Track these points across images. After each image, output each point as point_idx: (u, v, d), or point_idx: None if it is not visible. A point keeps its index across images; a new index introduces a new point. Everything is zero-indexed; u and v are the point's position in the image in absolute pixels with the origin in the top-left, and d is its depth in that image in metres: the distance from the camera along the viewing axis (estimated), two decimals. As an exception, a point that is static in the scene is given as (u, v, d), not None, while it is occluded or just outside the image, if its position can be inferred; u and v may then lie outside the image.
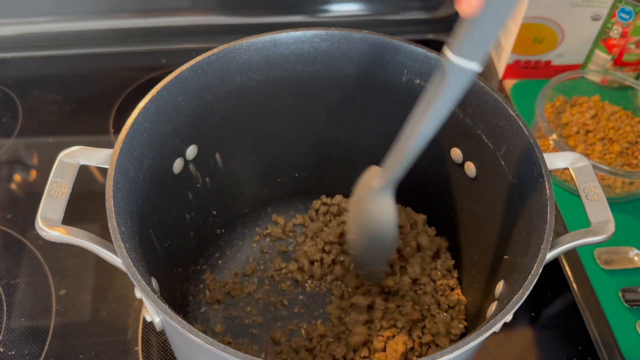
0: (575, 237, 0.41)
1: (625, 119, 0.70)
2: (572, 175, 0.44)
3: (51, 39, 0.84)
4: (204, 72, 0.48)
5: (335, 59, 0.51)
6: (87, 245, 0.38)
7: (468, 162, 0.51)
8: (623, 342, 0.56)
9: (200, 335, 0.33)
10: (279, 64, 0.51)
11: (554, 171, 0.57)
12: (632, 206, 0.67)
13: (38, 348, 0.54)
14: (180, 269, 0.55)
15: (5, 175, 0.68)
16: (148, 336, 0.55)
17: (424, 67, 0.49)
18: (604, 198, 0.42)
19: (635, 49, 0.74)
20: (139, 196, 0.44)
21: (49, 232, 0.38)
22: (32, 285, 0.58)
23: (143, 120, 0.44)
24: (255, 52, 0.49)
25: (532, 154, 0.43)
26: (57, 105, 0.77)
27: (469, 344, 0.34)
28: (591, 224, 0.41)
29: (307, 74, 0.52)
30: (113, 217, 0.38)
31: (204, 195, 0.55)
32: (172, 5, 0.85)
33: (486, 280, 0.49)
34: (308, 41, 0.50)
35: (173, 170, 0.50)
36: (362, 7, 0.89)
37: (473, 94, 0.47)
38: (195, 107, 0.49)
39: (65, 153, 0.42)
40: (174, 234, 0.52)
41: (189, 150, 0.51)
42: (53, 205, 0.39)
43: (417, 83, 0.50)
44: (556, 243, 0.40)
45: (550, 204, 0.40)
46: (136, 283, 0.36)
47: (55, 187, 0.40)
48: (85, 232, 0.39)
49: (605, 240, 0.40)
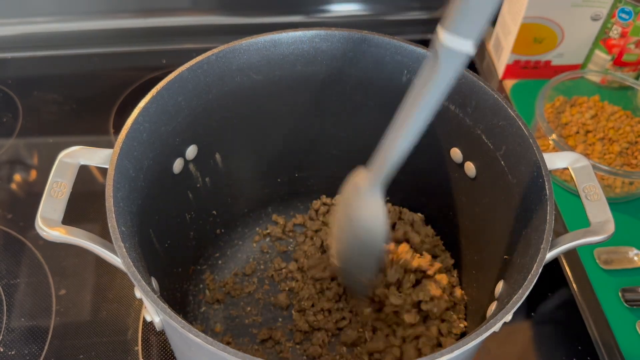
0: (575, 237, 0.41)
1: (625, 119, 0.70)
2: (572, 175, 0.44)
3: (51, 39, 0.84)
4: (204, 72, 0.48)
5: (335, 59, 0.51)
6: (87, 245, 0.38)
7: (468, 162, 0.51)
8: (623, 342, 0.56)
9: (200, 335, 0.33)
10: (279, 64, 0.51)
11: (554, 171, 0.57)
12: (632, 206, 0.67)
13: (38, 348, 0.54)
14: (180, 268, 0.55)
15: (5, 175, 0.68)
16: (148, 336, 0.55)
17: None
18: (604, 198, 0.42)
19: (635, 49, 0.74)
20: (139, 196, 0.44)
21: (48, 232, 0.38)
22: (32, 285, 0.58)
23: (143, 120, 0.44)
24: (255, 52, 0.49)
25: (532, 154, 0.43)
26: (57, 105, 0.77)
27: (469, 343, 0.34)
28: (591, 224, 0.41)
29: (307, 74, 0.52)
30: (113, 217, 0.38)
31: (204, 195, 0.55)
32: (172, 5, 0.85)
33: (486, 280, 0.49)
34: (308, 41, 0.50)
35: (173, 170, 0.50)
36: (362, 7, 0.89)
37: (473, 94, 0.47)
38: (195, 107, 0.49)
39: (65, 153, 0.42)
40: (174, 234, 0.52)
41: (189, 150, 0.51)
42: (53, 205, 0.39)
43: None
44: (556, 243, 0.40)
45: (550, 204, 0.40)
46: (136, 283, 0.36)
47: (55, 187, 0.40)
48: (85, 232, 0.39)
49: (605, 240, 0.40)
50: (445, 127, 0.51)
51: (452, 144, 0.51)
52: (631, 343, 0.56)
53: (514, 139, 0.45)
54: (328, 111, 0.55)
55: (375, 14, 0.89)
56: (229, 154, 0.55)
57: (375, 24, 0.89)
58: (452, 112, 0.49)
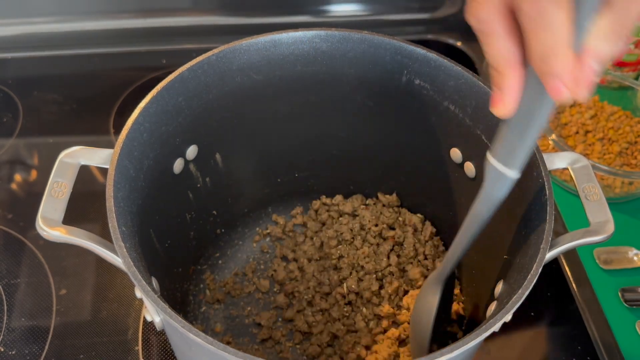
0: (575, 237, 0.41)
1: (625, 119, 0.70)
2: (572, 175, 0.44)
3: (51, 39, 0.84)
4: (205, 72, 0.48)
5: (335, 60, 0.51)
6: (87, 245, 0.38)
7: (468, 162, 0.51)
8: (623, 342, 0.56)
9: (200, 335, 0.33)
10: (279, 64, 0.51)
11: (554, 171, 0.57)
12: (632, 206, 0.67)
13: (38, 348, 0.54)
14: (180, 268, 0.55)
15: (5, 175, 0.68)
16: (148, 336, 0.55)
17: (424, 67, 0.49)
18: (604, 198, 0.42)
19: (634, 49, 0.74)
20: (139, 196, 0.44)
21: (49, 232, 0.38)
22: (32, 285, 0.58)
23: (143, 120, 0.44)
24: (256, 52, 0.49)
25: (532, 154, 0.43)
26: (57, 105, 0.77)
27: (469, 343, 0.34)
28: (590, 224, 0.41)
29: (307, 74, 0.52)
30: (114, 216, 0.38)
31: (204, 195, 0.55)
32: (172, 5, 0.85)
33: (485, 279, 0.49)
34: (308, 41, 0.50)
35: (173, 170, 0.50)
36: (362, 7, 0.89)
37: (473, 94, 0.47)
38: (196, 107, 0.49)
39: (65, 153, 0.42)
40: (175, 234, 0.52)
41: (189, 150, 0.51)
42: (53, 205, 0.39)
43: (417, 83, 0.50)
44: (555, 243, 0.40)
45: (549, 204, 0.40)
46: (136, 283, 0.36)
47: (55, 187, 0.40)
48: (86, 231, 0.39)
49: (605, 240, 0.40)
50: (445, 127, 0.51)
51: (452, 144, 0.52)
52: (631, 343, 0.56)
53: None
54: (328, 111, 0.55)
55: (375, 14, 0.89)
56: (229, 154, 0.55)
57: (375, 23, 0.89)
58: (451, 112, 0.49)
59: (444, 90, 0.49)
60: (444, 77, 0.48)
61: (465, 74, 0.47)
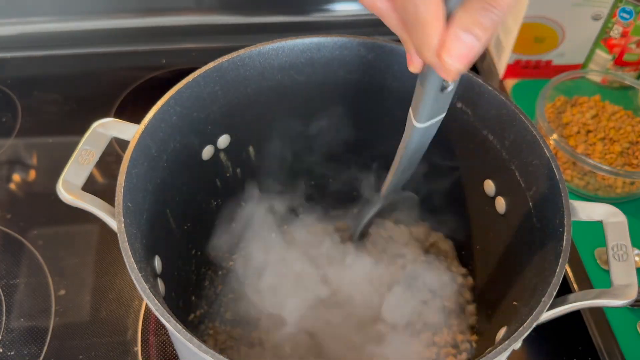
0: (593, 295, 0.39)
1: (626, 119, 0.70)
2: (604, 229, 0.42)
3: (51, 39, 0.84)
4: (245, 66, 0.48)
5: (379, 71, 0.50)
6: (97, 212, 0.39)
7: (499, 196, 0.49)
8: (623, 343, 0.55)
9: (194, 342, 0.33)
10: (322, 67, 0.50)
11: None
12: (633, 206, 0.67)
13: (37, 348, 0.54)
14: (199, 252, 0.55)
15: (4, 175, 0.68)
16: (147, 336, 0.55)
17: (467, 92, 0.47)
18: (633, 259, 0.40)
19: (635, 49, 0.74)
20: (158, 175, 0.44)
21: (65, 195, 0.39)
22: (31, 286, 0.58)
23: (175, 103, 0.45)
24: (299, 53, 0.49)
25: (559, 200, 0.41)
26: (57, 105, 0.76)
27: None
28: (612, 285, 0.39)
29: (350, 82, 0.51)
30: (121, 191, 0.38)
31: (232, 185, 0.56)
32: (173, 5, 0.85)
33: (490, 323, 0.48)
34: (353, 49, 0.49)
35: (202, 156, 0.50)
36: (363, 7, 0.88)
37: (512, 127, 0.45)
38: (232, 99, 0.49)
39: (99, 123, 0.43)
40: (197, 218, 0.52)
41: (221, 139, 0.51)
42: (77, 170, 0.41)
43: (459, 107, 0.49)
44: (565, 300, 0.38)
45: (563, 256, 0.38)
46: (126, 259, 0.36)
47: (83, 153, 0.42)
48: (101, 200, 0.39)
49: (624, 306, 0.38)
50: (482, 157, 0.49)
51: (486, 175, 0.50)
52: (632, 343, 0.56)
53: (545, 182, 0.43)
54: (368, 123, 0.54)
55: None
56: (262, 149, 0.55)
57: (375, 24, 0.88)
58: (489, 143, 0.48)
59: (486, 119, 0.47)
60: (486, 105, 0.47)
61: (508, 105, 0.45)
